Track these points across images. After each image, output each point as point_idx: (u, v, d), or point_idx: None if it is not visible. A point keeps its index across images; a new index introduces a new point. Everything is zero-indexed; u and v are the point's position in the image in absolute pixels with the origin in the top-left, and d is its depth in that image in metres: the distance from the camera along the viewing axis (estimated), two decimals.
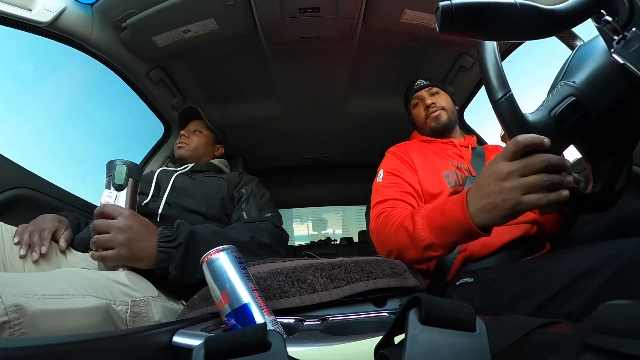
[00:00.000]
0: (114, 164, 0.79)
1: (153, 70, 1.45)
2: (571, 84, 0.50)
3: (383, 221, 0.82)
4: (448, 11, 0.41)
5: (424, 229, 0.69)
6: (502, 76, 0.50)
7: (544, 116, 0.50)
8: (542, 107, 0.51)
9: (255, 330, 0.28)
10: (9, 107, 2.23)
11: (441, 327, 0.25)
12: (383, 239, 0.81)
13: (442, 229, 0.65)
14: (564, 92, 0.50)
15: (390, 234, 0.78)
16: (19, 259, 0.74)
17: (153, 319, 0.64)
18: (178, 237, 0.75)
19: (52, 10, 1.07)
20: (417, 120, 1.18)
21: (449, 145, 1.07)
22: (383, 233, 0.81)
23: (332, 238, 3.62)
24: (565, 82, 0.51)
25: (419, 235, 0.69)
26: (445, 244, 0.66)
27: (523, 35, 0.46)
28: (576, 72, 0.51)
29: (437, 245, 0.67)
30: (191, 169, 1.24)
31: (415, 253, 0.72)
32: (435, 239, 0.67)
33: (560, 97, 0.50)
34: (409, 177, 0.94)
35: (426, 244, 0.68)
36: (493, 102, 0.51)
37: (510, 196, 0.51)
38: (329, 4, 1.16)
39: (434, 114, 1.10)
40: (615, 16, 0.44)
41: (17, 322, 0.41)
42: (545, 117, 0.50)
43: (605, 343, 0.21)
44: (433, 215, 0.68)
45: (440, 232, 0.66)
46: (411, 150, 1.03)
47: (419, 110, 1.17)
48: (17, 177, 1.07)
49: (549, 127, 0.49)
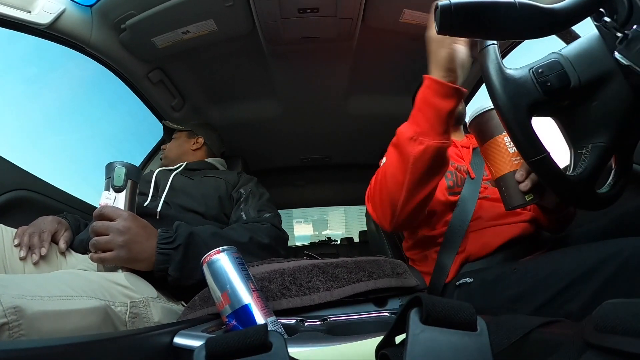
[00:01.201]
0: (113, 165, 0.79)
1: (152, 71, 1.45)
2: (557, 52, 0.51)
3: (375, 178, 0.79)
4: (447, 11, 0.41)
5: (404, 126, 0.69)
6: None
7: (524, 71, 0.51)
8: (524, 66, 0.52)
9: (257, 331, 0.28)
10: (7, 108, 2.23)
11: (442, 326, 0.25)
12: (378, 192, 0.76)
13: (416, 110, 0.67)
14: (548, 57, 0.51)
15: (382, 180, 0.74)
16: (19, 260, 0.74)
17: (152, 320, 0.64)
18: (177, 239, 0.74)
19: (51, 12, 1.07)
20: None
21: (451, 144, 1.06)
22: (376, 186, 0.77)
23: (332, 238, 3.62)
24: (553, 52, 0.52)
25: (401, 133, 0.68)
26: (425, 127, 0.65)
27: (522, 35, 0.46)
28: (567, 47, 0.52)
29: (418, 132, 0.65)
30: (185, 167, 1.24)
31: (402, 161, 0.68)
32: (415, 125, 0.66)
33: (544, 59, 0.51)
34: None
35: (409, 137, 0.66)
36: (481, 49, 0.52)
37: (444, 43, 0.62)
38: (328, 4, 1.16)
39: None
40: (615, 14, 0.44)
41: (17, 324, 0.41)
42: (524, 72, 0.50)
43: (606, 342, 0.21)
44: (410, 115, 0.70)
45: (417, 113, 0.67)
46: None
47: None
48: (17, 179, 1.07)
49: (527, 80, 0.50)
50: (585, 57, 0.49)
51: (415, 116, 0.67)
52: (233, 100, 1.73)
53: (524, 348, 0.31)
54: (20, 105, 2.42)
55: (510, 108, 0.49)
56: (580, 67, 0.49)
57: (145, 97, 1.53)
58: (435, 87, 0.63)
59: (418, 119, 0.66)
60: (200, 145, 1.40)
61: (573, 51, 0.50)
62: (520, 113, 0.49)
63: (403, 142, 0.67)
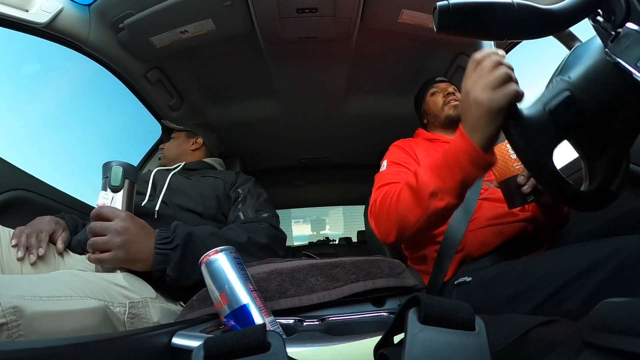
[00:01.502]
0: (110, 165, 0.79)
1: (151, 71, 1.44)
2: (566, 79, 0.50)
3: (383, 198, 0.79)
4: (445, 11, 0.41)
5: (426, 174, 0.67)
6: None
7: (539, 110, 0.50)
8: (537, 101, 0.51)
9: (255, 331, 0.28)
10: (6, 108, 2.22)
11: (440, 326, 0.25)
12: (385, 214, 0.77)
13: (445, 166, 0.63)
14: (558, 87, 0.50)
15: (391, 204, 0.75)
16: (17, 261, 0.74)
17: (151, 321, 0.64)
18: (175, 239, 0.74)
19: (49, 11, 1.06)
20: (434, 107, 1.18)
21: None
22: (384, 208, 0.77)
23: (330, 238, 3.62)
24: (560, 78, 0.51)
25: (422, 182, 0.66)
26: (450, 186, 0.63)
27: (520, 35, 0.47)
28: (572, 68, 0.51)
29: (442, 190, 0.63)
30: (183, 167, 1.24)
31: (420, 209, 0.67)
32: (440, 181, 0.64)
33: (555, 91, 0.50)
34: (411, 166, 0.94)
35: (431, 191, 0.65)
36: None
37: (483, 97, 0.53)
38: (327, 4, 1.16)
39: (453, 102, 1.13)
40: (612, 16, 0.44)
41: (15, 324, 0.41)
42: (539, 112, 0.50)
43: (604, 341, 0.22)
44: (435, 160, 0.67)
45: (445, 170, 0.63)
46: (416, 146, 1.04)
47: (437, 97, 1.19)
48: (14, 179, 1.07)
49: (544, 122, 0.49)
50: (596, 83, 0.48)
51: (441, 171, 0.64)
52: (231, 100, 1.73)
53: (522, 347, 0.31)
54: (16, 104, 2.41)
55: (533, 156, 0.50)
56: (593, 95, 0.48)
57: (143, 96, 1.53)
58: (473, 156, 0.58)
59: (444, 176, 0.63)
60: (199, 145, 1.40)
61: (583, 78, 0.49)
62: (543, 158, 0.49)
63: (423, 194, 0.66)
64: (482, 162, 0.59)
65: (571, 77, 0.50)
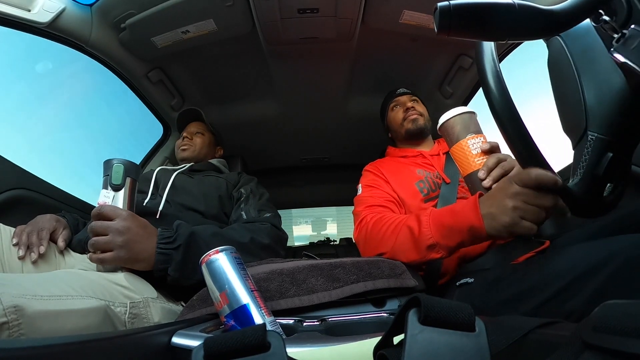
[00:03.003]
0: (111, 163, 0.77)
1: (152, 71, 1.45)
2: (602, 137, 0.49)
3: (376, 224, 0.84)
4: (446, 12, 0.41)
5: (430, 227, 0.70)
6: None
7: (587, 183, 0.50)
8: (580, 170, 0.51)
9: (255, 330, 0.28)
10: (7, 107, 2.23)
11: (440, 327, 0.25)
12: (376, 241, 0.81)
13: (450, 228, 0.67)
14: (598, 149, 0.49)
15: (386, 235, 0.79)
16: (18, 260, 0.74)
17: (152, 320, 0.64)
18: (178, 239, 0.74)
19: (51, 10, 1.07)
20: (394, 122, 1.23)
21: (419, 157, 1.12)
22: (376, 235, 0.82)
23: (331, 239, 3.61)
24: (597, 136, 0.50)
25: (424, 234, 0.70)
26: (449, 245, 0.67)
27: (521, 36, 0.46)
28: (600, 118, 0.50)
29: (441, 246, 0.68)
30: (190, 167, 1.24)
31: (416, 254, 0.72)
32: (441, 238, 0.68)
33: (597, 156, 0.49)
34: (384, 187, 1.02)
35: (430, 244, 0.69)
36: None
37: (512, 214, 0.56)
38: (328, 4, 1.16)
39: (412, 116, 1.17)
40: (614, 16, 0.44)
41: (16, 323, 0.41)
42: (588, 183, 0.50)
43: (604, 342, 0.21)
44: (442, 215, 0.70)
45: (448, 231, 0.67)
46: (382, 166, 1.11)
47: (397, 113, 1.23)
48: (15, 178, 1.07)
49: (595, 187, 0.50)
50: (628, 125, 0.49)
51: (446, 230, 0.68)
52: (232, 100, 1.73)
53: (522, 349, 0.31)
54: (17, 105, 2.42)
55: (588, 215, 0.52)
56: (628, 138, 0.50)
57: (144, 96, 1.53)
58: (478, 233, 0.63)
59: (446, 235, 0.68)
60: (219, 156, 1.45)
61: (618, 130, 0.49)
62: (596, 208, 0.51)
63: (422, 245, 0.70)
64: (483, 239, 0.64)
65: (605, 134, 0.49)
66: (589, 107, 0.51)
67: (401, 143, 1.23)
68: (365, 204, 0.96)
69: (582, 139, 0.51)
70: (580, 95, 0.51)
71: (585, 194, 0.50)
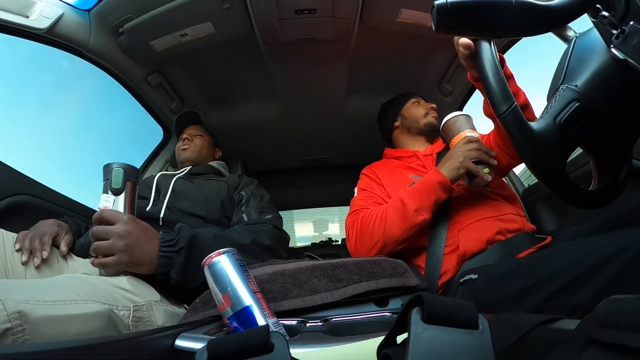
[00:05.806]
0: (111, 167, 0.77)
1: (151, 74, 1.45)
2: (573, 88, 0.49)
3: (362, 219, 0.95)
4: (443, 9, 0.41)
5: (409, 198, 0.89)
6: (505, 88, 0.50)
7: (549, 124, 0.49)
8: (545, 114, 0.50)
9: (258, 332, 0.28)
10: (7, 112, 2.24)
11: (444, 325, 0.25)
12: (368, 233, 0.92)
13: (425, 191, 0.88)
14: (567, 97, 0.49)
15: (376, 222, 0.91)
16: (21, 265, 0.74)
17: (156, 324, 0.64)
18: (179, 242, 0.74)
19: (50, 16, 1.07)
20: (415, 113, 1.25)
21: (413, 158, 1.16)
22: (366, 227, 0.93)
23: (333, 239, 3.61)
24: (567, 86, 0.50)
25: (407, 204, 0.88)
26: (428, 205, 0.87)
27: (519, 32, 0.46)
28: (577, 74, 0.50)
29: (421, 208, 0.87)
30: (189, 171, 1.24)
31: (406, 223, 0.87)
32: (420, 201, 0.87)
33: (564, 102, 0.49)
34: (378, 191, 1.09)
35: (414, 208, 0.87)
36: (498, 115, 0.51)
37: (458, 156, 0.87)
38: (325, 5, 1.16)
39: (434, 114, 1.22)
40: (612, 10, 0.44)
41: (20, 329, 0.41)
42: (550, 125, 0.49)
43: (609, 337, 0.21)
44: (415, 186, 0.91)
45: (425, 194, 0.88)
46: (377, 170, 1.17)
47: (420, 107, 1.26)
48: (17, 184, 1.07)
49: (555, 135, 0.49)
50: (605, 89, 0.48)
51: (420, 193, 0.89)
52: (232, 102, 1.73)
53: (526, 345, 0.31)
54: (18, 111, 2.43)
55: (546, 170, 0.51)
56: (603, 102, 0.48)
57: (144, 100, 1.53)
58: (443, 183, 0.87)
59: (422, 197, 0.88)
60: (218, 157, 1.46)
61: (591, 86, 0.48)
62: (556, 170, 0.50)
63: (409, 211, 0.87)
64: (449, 188, 0.88)
65: (578, 85, 0.49)
66: (569, 68, 0.52)
67: (405, 135, 1.25)
68: (357, 207, 1.04)
69: (555, 92, 0.51)
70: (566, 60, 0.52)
71: (546, 138, 0.49)
